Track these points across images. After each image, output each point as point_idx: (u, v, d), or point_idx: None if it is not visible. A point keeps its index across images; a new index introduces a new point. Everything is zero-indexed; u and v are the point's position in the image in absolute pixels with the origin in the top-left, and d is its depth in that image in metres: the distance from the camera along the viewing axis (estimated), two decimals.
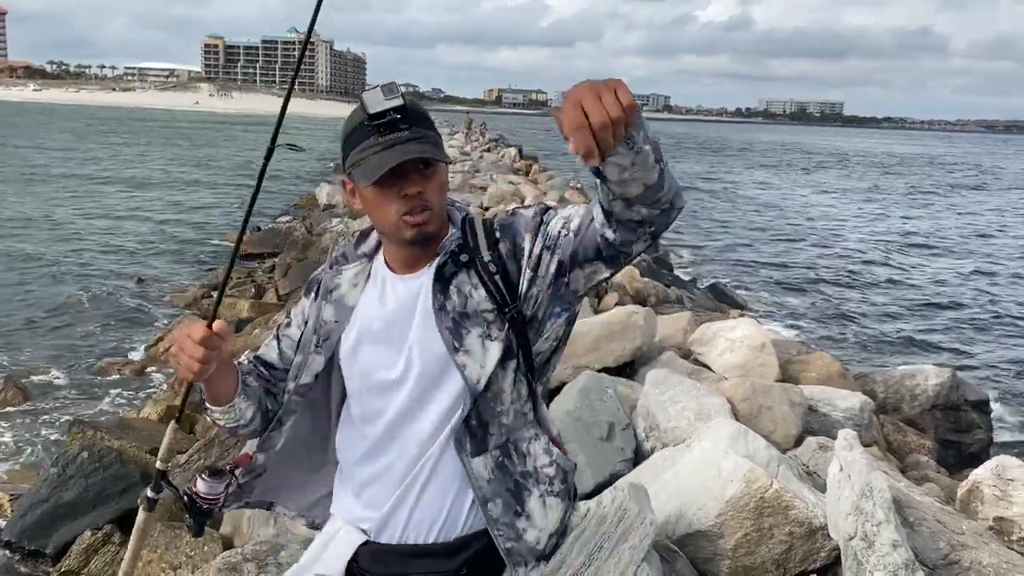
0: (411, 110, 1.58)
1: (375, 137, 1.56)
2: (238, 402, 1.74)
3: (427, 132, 1.59)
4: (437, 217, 1.65)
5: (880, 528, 2.94)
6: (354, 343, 1.73)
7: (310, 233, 15.18)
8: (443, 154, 1.63)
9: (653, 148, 1.35)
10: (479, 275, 1.66)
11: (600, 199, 1.47)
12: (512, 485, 1.69)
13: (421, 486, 1.69)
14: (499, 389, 1.66)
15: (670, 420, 4.21)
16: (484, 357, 1.63)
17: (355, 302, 1.75)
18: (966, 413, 6.27)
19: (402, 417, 1.69)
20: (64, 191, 24.40)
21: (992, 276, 18.67)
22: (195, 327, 1.56)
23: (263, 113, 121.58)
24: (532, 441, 1.73)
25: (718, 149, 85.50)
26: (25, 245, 16.03)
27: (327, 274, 1.81)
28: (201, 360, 1.54)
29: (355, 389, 1.76)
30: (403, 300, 1.70)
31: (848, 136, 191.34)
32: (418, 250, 1.68)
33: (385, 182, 1.57)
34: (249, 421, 1.79)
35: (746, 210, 29.62)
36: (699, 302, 11.08)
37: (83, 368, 8.93)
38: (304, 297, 1.86)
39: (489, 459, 1.67)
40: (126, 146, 46.39)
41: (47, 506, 4.84)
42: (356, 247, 1.80)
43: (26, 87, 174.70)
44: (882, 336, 12.96)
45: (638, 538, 2.92)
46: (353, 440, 1.78)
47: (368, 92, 1.57)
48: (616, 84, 1.19)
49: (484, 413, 1.66)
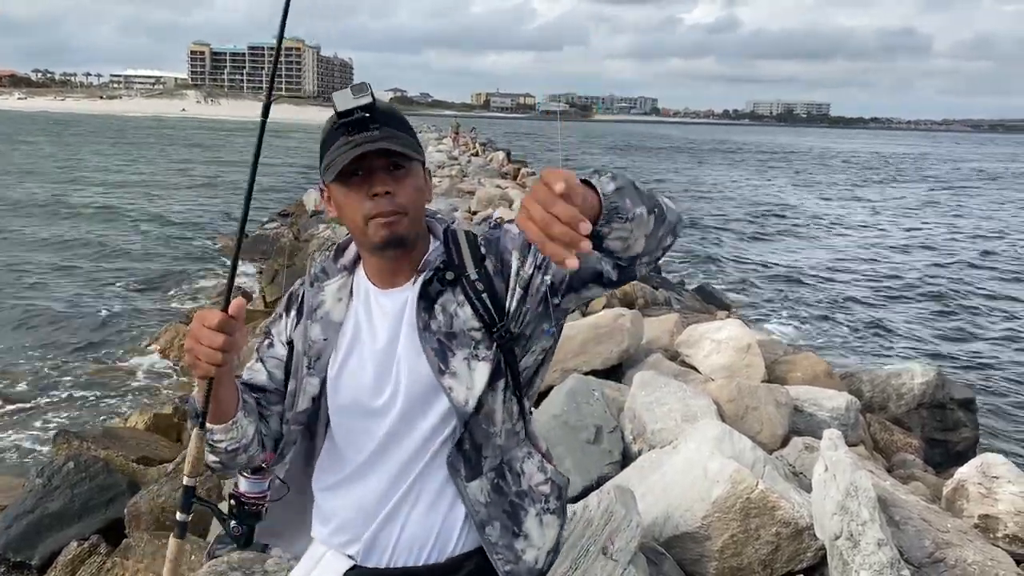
0: (380, 109, 1.53)
1: (344, 137, 1.52)
2: (240, 418, 1.60)
3: (397, 132, 1.55)
4: (410, 222, 1.58)
5: (865, 527, 2.95)
6: (342, 362, 1.66)
7: (297, 239, 15.14)
8: (415, 153, 1.57)
9: (645, 199, 1.35)
10: (465, 293, 1.61)
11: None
12: (508, 506, 1.66)
13: (409, 507, 1.64)
14: (490, 410, 1.63)
15: (657, 422, 4.22)
16: (471, 379, 1.59)
17: (341, 317, 1.68)
18: (952, 411, 6.30)
19: (389, 438, 1.64)
20: (46, 199, 24.26)
21: (979, 275, 18.78)
22: (208, 314, 1.45)
23: (252, 119, 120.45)
24: (525, 460, 1.70)
25: (705, 150, 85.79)
26: (9, 251, 15.93)
27: (308, 292, 1.72)
28: (222, 347, 1.42)
29: (341, 409, 1.68)
30: (388, 316, 1.65)
31: (834, 137, 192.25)
32: (392, 259, 1.62)
33: (353, 182, 1.53)
34: (250, 442, 1.64)
35: (733, 211, 29.72)
36: (687, 304, 11.11)
37: (69, 377, 8.87)
38: (284, 315, 1.76)
39: (485, 482, 1.64)
40: (113, 152, 46.20)
41: (32, 517, 4.81)
42: (335, 260, 1.72)
43: (11, 96, 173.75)
44: (868, 335, 13.03)
45: (625, 541, 2.93)
46: (336, 462, 1.71)
47: (338, 92, 1.52)
48: (548, 179, 1.10)
49: (477, 436, 1.62)
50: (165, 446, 6.17)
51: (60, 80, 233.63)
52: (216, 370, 1.45)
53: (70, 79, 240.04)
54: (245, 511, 1.63)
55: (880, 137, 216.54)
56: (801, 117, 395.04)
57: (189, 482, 1.57)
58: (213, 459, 1.63)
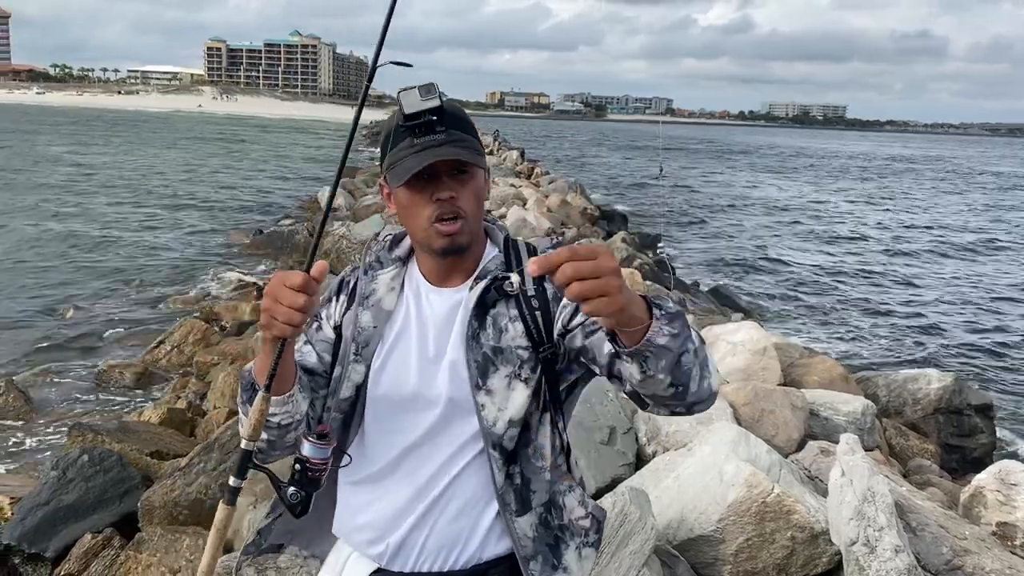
0: (448, 112, 1.52)
1: (410, 139, 1.52)
2: (296, 392, 1.58)
3: (464, 136, 1.55)
4: (471, 227, 1.59)
5: (882, 533, 2.93)
6: (387, 353, 1.65)
7: (312, 236, 15.19)
8: (480, 160, 1.57)
9: (680, 370, 1.34)
10: (519, 308, 1.59)
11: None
12: (552, 540, 1.64)
13: (439, 512, 1.62)
14: (540, 445, 1.62)
15: (671, 424, 4.20)
16: (506, 399, 1.57)
17: (392, 307, 1.68)
18: (969, 417, 6.25)
19: (423, 439, 1.62)
20: (64, 192, 24.43)
21: (997, 280, 18.64)
22: (291, 275, 1.41)
23: (267, 116, 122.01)
24: (567, 494, 1.67)
25: (721, 151, 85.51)
26: (23, 247, 16.05)
27: (361, 279, 1.71)
28: (301, 308, 1.38)
29: (380, 401, 1.66)
30: (438, 316, 1.64)
31: (851, 139, 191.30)
32: (449, 262, 1.63)
33: (416, 185, 1.54)
34: (301, 419, 1.62)
35: (749, 212, 29.62)
36: (701, 305, 11.07)
37: (84, 371, 8.92)
38: (334, 299, 1.75)
39: (534, 517, 1.62)
40: (130, 146, 46.48)
41: (47, 509, 4.82)
42: (390, 251, 1.73)
43: (29, 90, 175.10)
44: (885, 339, 12.94)
45: (639, 543, 2.91)
46: (368, 457, 1.69)
47: (405, 92, 1.50)
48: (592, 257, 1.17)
49: (527, 471, 1.61)
50: (179, 441, 6.19)
51: (78, 75, 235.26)
52: (291, 331, 1.41)
53: (88, 74, 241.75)
54: (308, 478, 1.54)
55: (899, 140, 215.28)
56: (817, 119, 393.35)
57: (247, 446, 1.50)
58: (262, 436, 1.58)
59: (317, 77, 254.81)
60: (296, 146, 56.90)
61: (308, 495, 1.54)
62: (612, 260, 1.16)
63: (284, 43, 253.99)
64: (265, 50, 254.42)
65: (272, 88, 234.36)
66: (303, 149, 53.52)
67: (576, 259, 1.14)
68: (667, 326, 1.28)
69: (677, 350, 1.30)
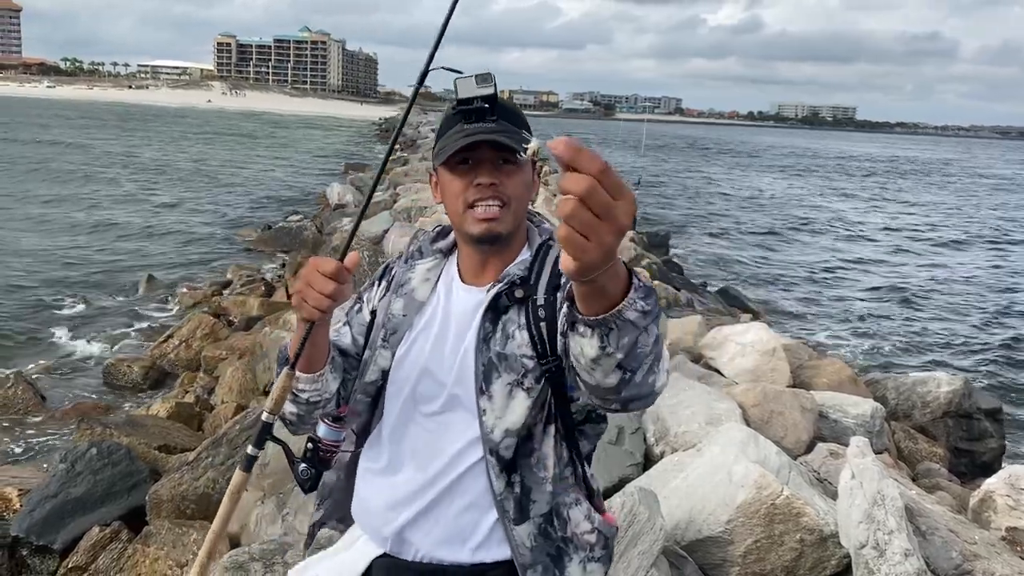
0: (501, 104, 1.53)
1: (460, 124, 1.54)
2: (326, 371, 1.63)
3: (515, 129, 1.55)
4: (511, 218, 1.58)
5: (892, 537, 2.91)
6: (411, 342, 1.67)
7: (320, 232, 15.21)
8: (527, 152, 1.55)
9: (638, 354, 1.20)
10: (527, 316, 1.57)
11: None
12: (554, 551, 1.62)
13: (443, 506, 1.62)
14: (543, 455, 1.60)
15: (680, 424, 4.19)
16: (505, 407, 1.56)
17: (424, 298, 1.69)
18: (979, 421, 6.22)
19: (433, 432, 1.63)
20: (72, 186, 24.51)
21: (1009, 283, 18.56)
22: (325, 261, 1.46)
23: (276, 111, 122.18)
24: (573, 506, 1.65)
25: (731, 152, 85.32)
26: (31, 239, 16.11)
27: (400, 268, 1.76)
28: (331, 295, 1.44)
29: (398, 390, 1.67)
30: (463, 314, 1.64)
31: (861, 141, 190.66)
32: (486, 252, 1.62)
33: (459, 170, 1.55)
34: (331, 398, 1.67)
35: (758, 213, 29.55)
36: (710, 306, 11.04)
37: (92, 365, 8.95)
38: (376, 284, 1.80)
39: (532, 527, 1.60)
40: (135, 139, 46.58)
41: (55, 502, 4.84)
42: (432, 243, 1.75)
43: (40, 84, 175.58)
44: (894, 341, 12.90)
45: (648, 543, 2.91)
46: (381, 444, 1.71)
47: (461, 79, 1.51)
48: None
49: (528, 480, 1.60)
50: (187, 435, 6.21)
51: (88, 69, 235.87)
52: (319, 315, 1.47)
53: (98, 68, 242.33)
54: (319, 457, 1.63)
55: (911, 142, 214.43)
56: (827, 120, 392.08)
57: (268, 418, 1.56)
58: (292, 410, 1.64)
59: (326, 73, 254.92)
60: (304, 142, 56.95)
61: (318, 472, 1.62)
62: (628, 218, 0.98)
63: (294, 39, 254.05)
64: (275, 46, 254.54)
65: (281, 84, 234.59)
66: (311, 145, 53.57)
67: (603, 182, 0.95)
68: (642, 300, 1.15)
69: (641, 328, 1.16)
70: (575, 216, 0.95)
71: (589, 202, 0.94)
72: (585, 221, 0.95)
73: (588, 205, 0.95)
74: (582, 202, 0.94)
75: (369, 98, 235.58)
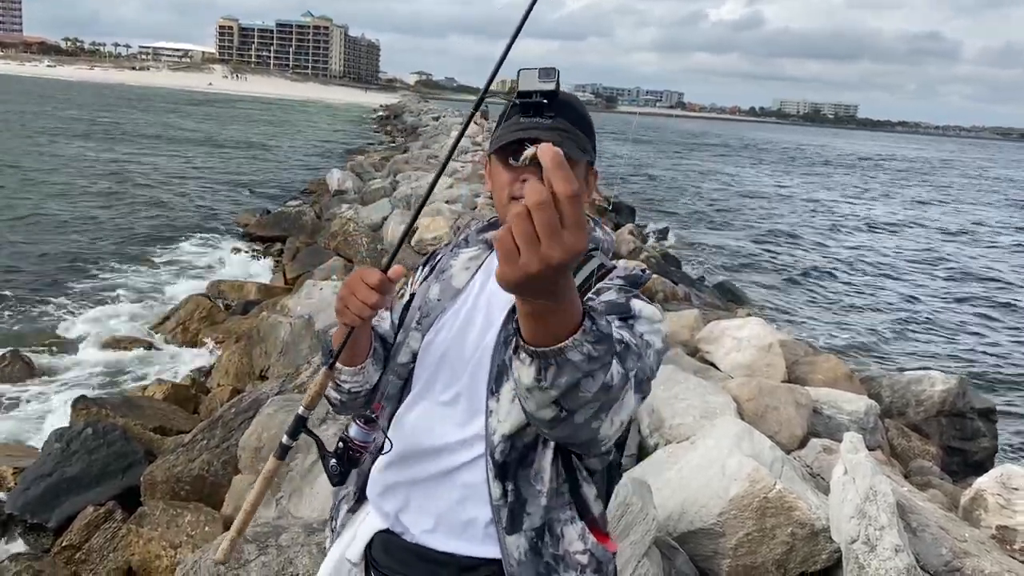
0: (562, 100, 1.52)
1: (518, 117, 1.53)
2: (368, 364, 1.69)
3: (570, 127, 1.53)
4: None
5: (883, 532, 2.93)
6: (440, 328, 1.68)
7: (319, 218, 15.17)
8: (579, 152, 1.53)
9: (580, 398, 1.16)
10: None
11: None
12: (543, 568, 1.60)
13: (440, 493, 1.63)
14: (540, 468, 1.58)
15: (675, 417, 4.20)
16: (507, 414, 1.54)
17: (461, 285, 1.71)
18: (972, 421, 6.25)
19: (447, 419, 1.64)
20: (79, 165, 24.44)
21: (1007, 284, 18.59)
22: (370, 272, 1.50)
23: (277, 96, 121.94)
24: (567, 524, 1.62)
25: (731, 147, 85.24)
26: (30, 219, 16.08)
27: (445, 255, 1.79)
28: (373, 305, 1.49)
29: (422, 373, 1.69)
30: (493, 309, 1.64)
31: (861, 139, 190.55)
32: None
33: (509, 162, 1.54)
34: (371, 389, 1.72)
35: (757, 208, 29.54)
36: (707, 300, 11.06)
37: (89, 344, 8.95)
38: (421, 268, 1.83)
39: (522, 539, 1.58)
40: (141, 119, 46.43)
41: (50, 480, 4.86)
42: (479, 233, 1.77)
43: (40, 63, 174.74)
44: (890, 340, 12.92)
45: (640, 533, 2.92)
46: (403, 425, 1.71)
47: (525, 72, 1.50)
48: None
49: (524, 491, 1.58)
50: (183, 417, 6.22)
51: (89, 49, 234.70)
52: (360, 322, 1.53)
53: (99, 49, 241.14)
54: (348, 456, 1.68)
55: (914, 141, 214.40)
56: (828, 117, 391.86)
57: (303, 412, 1.65)
58: (335, 395, 1.72)
59: (328, 59, 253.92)
60: (306, 127, 56.79)
61: (346, 470, 1.67)
62: (563, 254, 0.94)
63: (296, 23, 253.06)
64: (277, 30, 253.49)
65: (283, 69, 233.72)
66: (312, 130, 53.42)
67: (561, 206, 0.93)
68: (591, 344, 1.11)
69: (584, 372, 1.13)
70: (518, 224, 0.94)
71: (535, 215, 0.93)
72: (523, 233, 0.94)
73: (534, 219, 0.93)
74: (529, 214, 0.93)
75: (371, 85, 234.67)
